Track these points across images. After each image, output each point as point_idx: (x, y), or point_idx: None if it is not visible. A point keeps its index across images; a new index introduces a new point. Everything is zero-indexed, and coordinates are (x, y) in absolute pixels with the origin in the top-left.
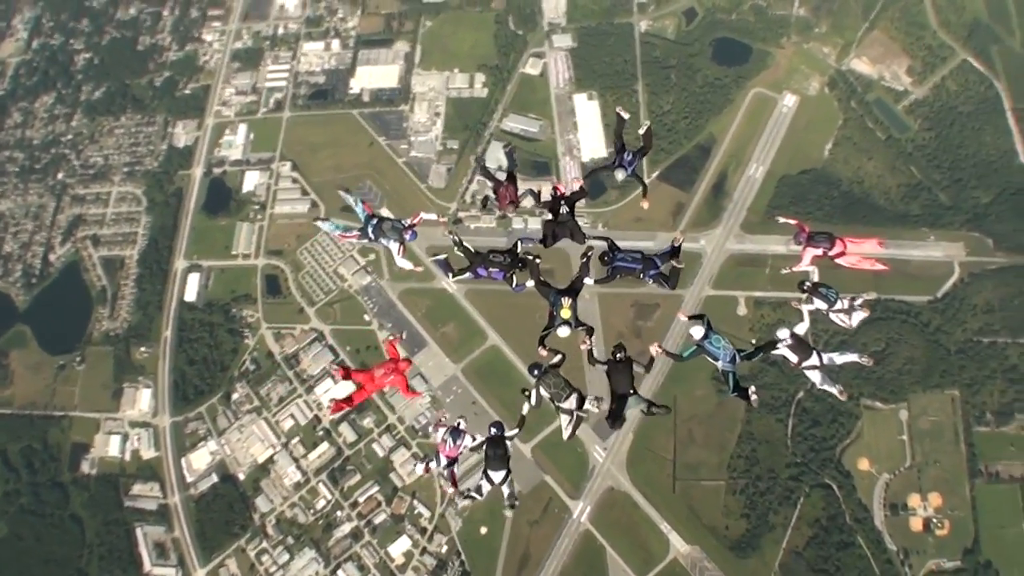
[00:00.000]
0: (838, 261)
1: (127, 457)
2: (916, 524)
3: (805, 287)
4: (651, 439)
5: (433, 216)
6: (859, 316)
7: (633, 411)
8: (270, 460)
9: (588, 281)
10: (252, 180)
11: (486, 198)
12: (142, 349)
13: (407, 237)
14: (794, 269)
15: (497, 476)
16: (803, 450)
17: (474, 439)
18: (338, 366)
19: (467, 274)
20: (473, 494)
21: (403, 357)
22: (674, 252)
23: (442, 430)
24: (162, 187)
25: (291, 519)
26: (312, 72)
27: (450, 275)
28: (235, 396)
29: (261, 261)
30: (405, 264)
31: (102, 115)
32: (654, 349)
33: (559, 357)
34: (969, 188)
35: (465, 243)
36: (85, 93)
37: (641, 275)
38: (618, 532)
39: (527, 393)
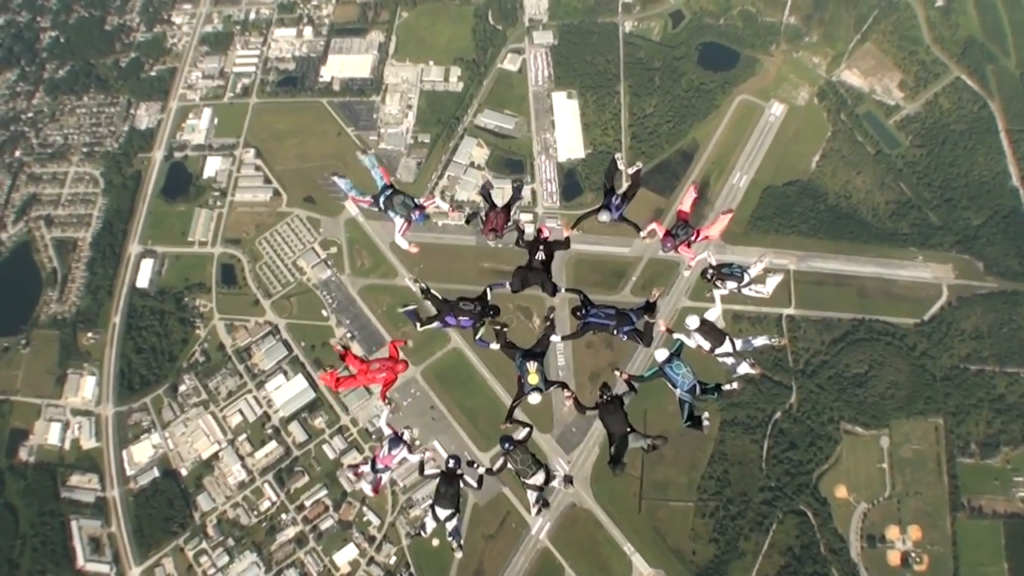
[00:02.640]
0: (705, 236)
1: (67, 446)
2: (894, 558)
3: (709, 274)
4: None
5: (446, 206)
6: (773, 281)
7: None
8: (215, 457)
9: (555, 338)
10: (214, 166)
11: (475, 214)
12: (89, 335)
13: (415, 217)
14: (692, 264)
15: (443, 514)
16: (778, 473)
17: (410, 450)
18: (339, 345)
19: (435, 323)
20: (417, 530)
21: (401, 359)
22: (649, 308)
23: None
24: (121, 169)
25: (233, 520)
26: (282, 59)
27: (418, 325)
28: (182, 388)
29: (218, 249)
30: (402, 242)
31: (64, 94)
32: (621, 377)
33: (526, 431)
34: (960, 208)
35: (433, 291)
36: (49, 71)
37: (615, 331)
38: (578, 551)
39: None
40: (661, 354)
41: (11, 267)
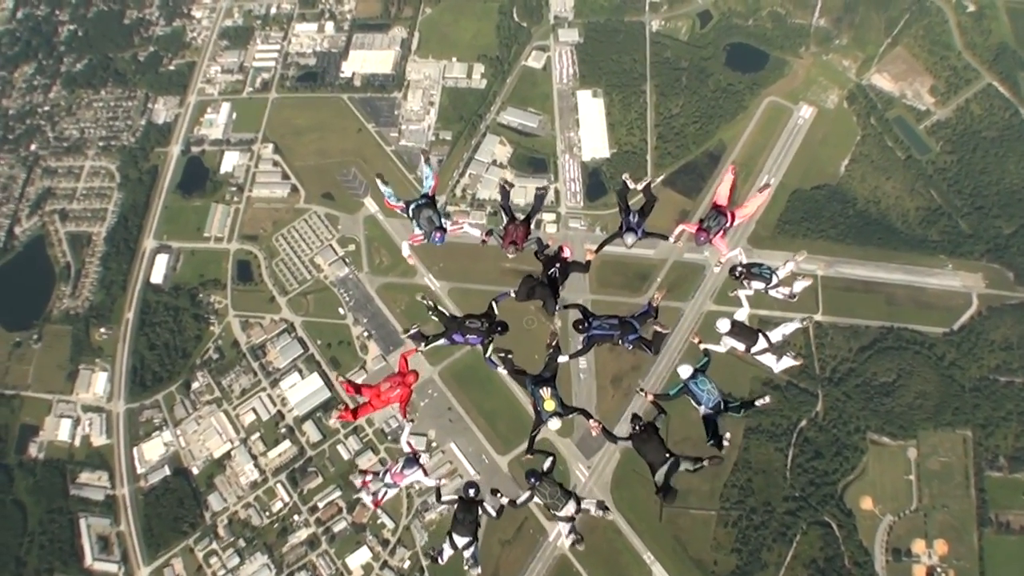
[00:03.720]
0: (738, 220)
1: (77, 443)
2: (919, 573)
3: (738, 272)
4: (639, 461)
5: (477, 232)
6: (801, 285)
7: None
8: (227, 456)
9: (562, 359)
10: (231, 161)
11: (490, 231)
12: (102, 330)
13: (435, 239)
14: (723, 260)
15: (461, 541)
16: (803, 483)
17: (425, 473)
18: (344, 381)
19: (441, 340)
20: (434, 555)
21: (411, 370)
22: (652, 312)
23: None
24: (137, 163)
25: (244, 520)
26: (303, 53)
27: (423, 344)
28: (195, 385)
29: (234, 245)
30: (406, 249)
31: (82, 87)
32: (646, 398)
33: (550, 460)
34: (991, 217)
35: (440, 308)
36: (66, 65)
37: (619, 342)
38: (597, 560)
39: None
40: (685, 370)
41: (25, 261)
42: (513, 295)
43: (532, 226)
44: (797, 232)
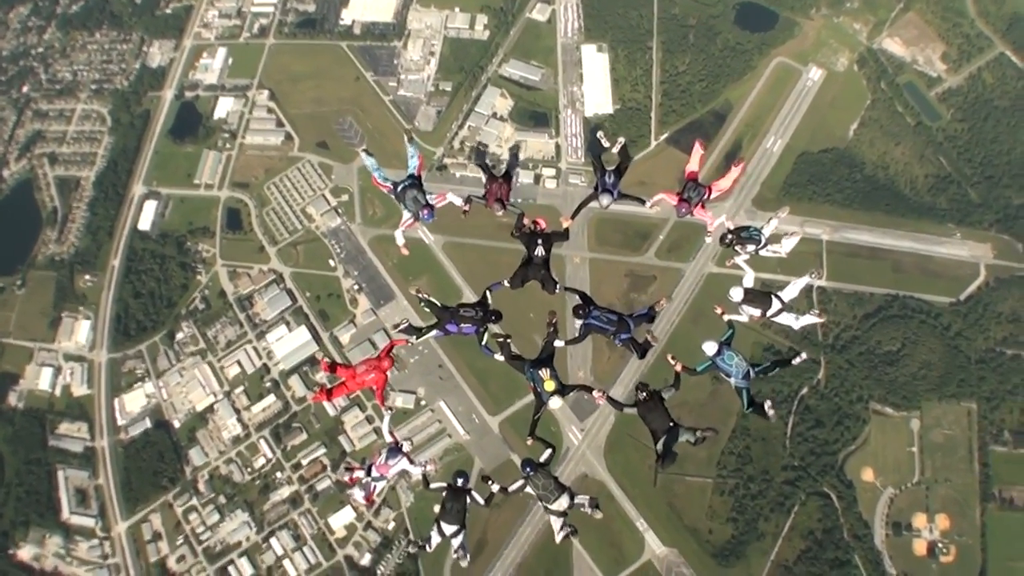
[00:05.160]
0: (715, 193)
1: (57, 392)
2: (920, 547)
3: (728, 239)
4: (633, 425)
5: (459, 201)
6: (790, 242)
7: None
8: (209, 409)
9: (558, 343)
10: (225, 107)
11: (470, 198)
12: (87, 277)
13: (423, 216)
14: (711, 229)
15: (449, 530)
16: (802, 452)
17: (410, 461)
18: (324, 359)
19: (434, 332)
20: (422, 543)
21: (387, 356)
22: (650, 316)
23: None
24: (129, 107)
25: (225, 476)
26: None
27: (415, 337)
28: (179, 336)
29: (224, 193)
30: (399, 238)
31: (77, 29)
32: (676, 365)
33: (548, 452)
34: (1001, 187)
35: (432, 299)
36: (62, 6)
37: (612, 337)
38: (588, 526)
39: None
40: (711, 347)
41: (11, 205)
42: (507, 285)
43: (512, 183)
44: (803, 195)
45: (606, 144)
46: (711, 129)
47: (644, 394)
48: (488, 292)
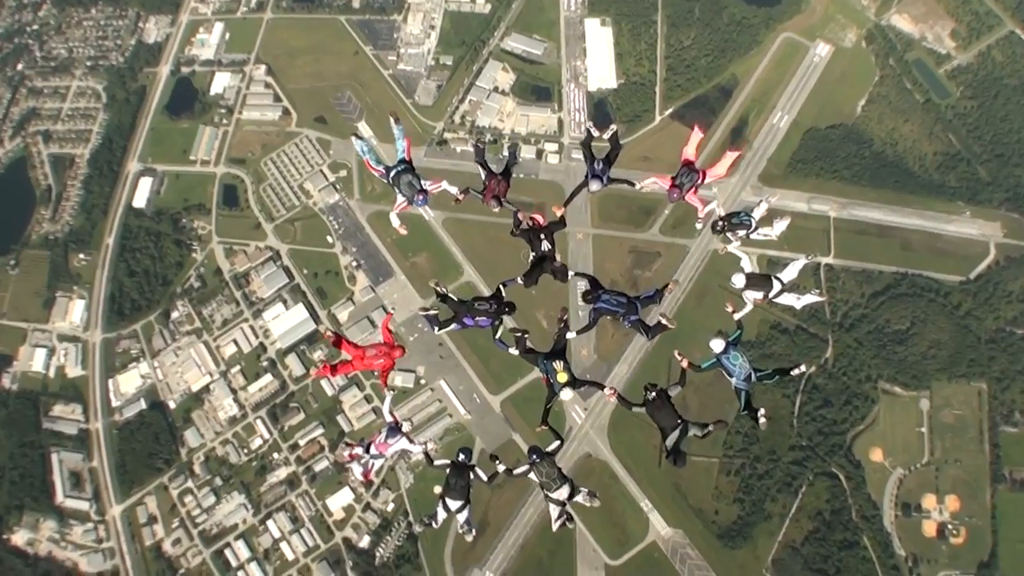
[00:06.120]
0: (709, 180)
1: (51, 373)
2: (929, 528)
3: (719, 226)
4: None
5: (454, 190)
6: (780, 225)
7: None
8: (205, 389)
9: (570, 335)
10: (222, 82)
11: (467, 189)
12: (81, 256)
13: (418, 201)
14: (702, 216)
15: (454, 505)
16: (810, 432)
17: (410, 440)
18: (330, 331)
19: (453, 325)
20: (428, 520)
21: (397, 344)
22: (658, 298)
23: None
24: (125, 84)
25: (222, 458)
26: None
27: (436, 328)
28: (175, 315)
29: (221, 169)
30: (395, 220)
31: (72, 6)
32: (682, 362)
33: (556, 444)
34: (1011, 165)
35: (448, 293)
36: None
37: (621, 319)
38: (592, 507)
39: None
40: (718, 344)
41: (5, 184)
42: (521, 282)
43: (511, 180)
44: (810, 171)
45: (595, 133)
46: (717, 104)
47: (652, 394)
48: (503, 287)
